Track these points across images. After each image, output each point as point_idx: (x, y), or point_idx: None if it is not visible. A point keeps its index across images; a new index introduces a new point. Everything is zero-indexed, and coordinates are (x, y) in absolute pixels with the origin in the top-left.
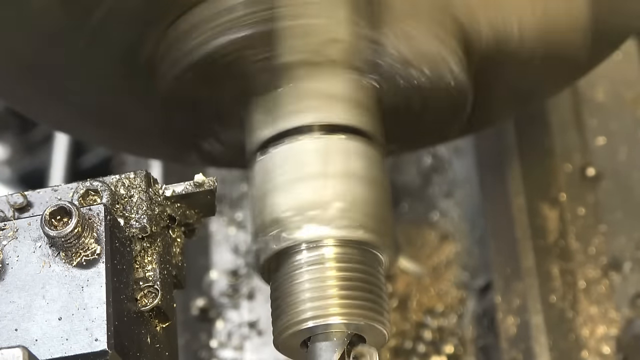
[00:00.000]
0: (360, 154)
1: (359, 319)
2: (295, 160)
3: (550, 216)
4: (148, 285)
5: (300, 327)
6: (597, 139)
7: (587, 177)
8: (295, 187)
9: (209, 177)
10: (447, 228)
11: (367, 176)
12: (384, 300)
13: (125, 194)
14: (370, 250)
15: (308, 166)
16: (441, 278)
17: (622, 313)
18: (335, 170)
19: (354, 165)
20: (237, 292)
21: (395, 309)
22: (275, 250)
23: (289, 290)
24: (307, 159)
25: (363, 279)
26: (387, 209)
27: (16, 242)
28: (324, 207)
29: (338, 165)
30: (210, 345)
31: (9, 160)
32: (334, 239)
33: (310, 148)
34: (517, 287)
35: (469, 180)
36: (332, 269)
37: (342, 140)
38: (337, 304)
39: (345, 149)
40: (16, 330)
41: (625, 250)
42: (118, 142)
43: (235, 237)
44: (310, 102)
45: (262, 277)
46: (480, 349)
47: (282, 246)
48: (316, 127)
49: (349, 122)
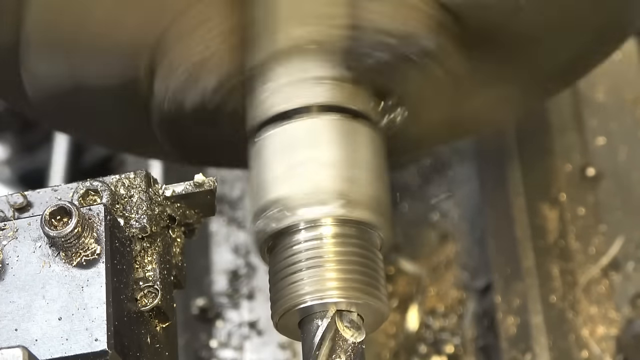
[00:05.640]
0: (358, 135)
1: (357, 297)
2: (292, 142)
3: (550, 216)
4: (148, 285)
5: (299, 305)
6: (597, 139)
7: (587, 177)
8: (293, 168)
9: (209, 177)
10: (447, 228)
11: (364, 156)
12: (382, 279)
13: (125, 194)
14: (368, 230)
15: (305, 147)
16: (441, 278)
17: (622, 313)
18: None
19: (351, 145)
20: (237, 292)
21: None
22: (274, 230)
23: (287, 270)
24: (303, 140)
25: (361, 258)
26: (384, 189)
27: (16, 242)
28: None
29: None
30: (210, 345)
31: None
32: (332, 218)
33: (307, 129)
34: (517, 287)
35: (469, 180)
36: (330, 248)
37: (338, 121)
38: (335, 283)
39: (342, 129)
40: (16, 330)
41: (625, 250)
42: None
43: (235, 237)
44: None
45: (261, 257)
46: (480, 349)
47: (281, 226)
48: (312, 108)
49: (344, 103)
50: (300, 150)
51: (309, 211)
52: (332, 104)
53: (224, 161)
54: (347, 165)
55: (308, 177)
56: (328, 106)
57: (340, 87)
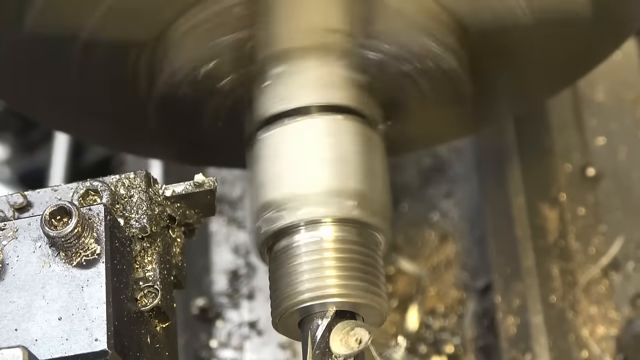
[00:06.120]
0: (358, 135)
1: (356, 297)
2: (292, 142)
3: (550, 216)
4: (148, 285)
5: (298, 305)
6: (597, 139)
7: (587, 177)
8: (293, 168)
9: (209, 177)
10: (447, 228)
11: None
12: (382, 279)
13: (125, 194)
14: (367, 230)
15: (304, 147)
16: (441, 278)
17: (622, 313)
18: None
19: (352, 146)
20: (237, 292)
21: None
22: (274, 230)
23: (287, 270)
24: (303, 140)
25: (361, 258)
26: (384, 190)
27: (16, 242)
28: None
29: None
30: (210, 345)
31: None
32: (332, 218)
33: (306, 129)
34: (517, 287)
35: (469, 180)
36: (330, 248)
37: (337, 121)
38: (335, 283)
39: (344, 129)
40: (16, 330)
41: (625, 250)
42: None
43: (235, 237)
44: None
45: (260, 257)
46: (480, 349)
47: (281, 226)
48: (311, 108)
49: (346, 103)
50: (300, 151)
51: (309, 211)
52: (330, 105)
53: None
54: (347, 165)
55: (308, 177)
56: (327, 106)
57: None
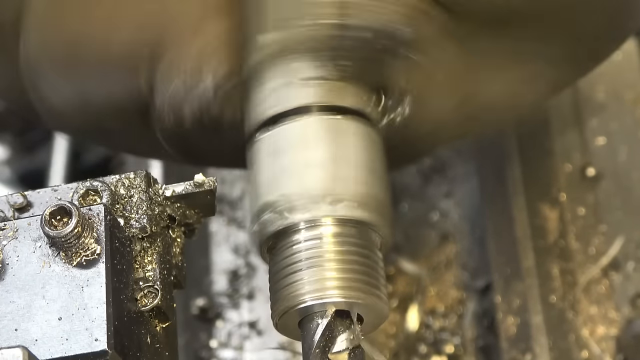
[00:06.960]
0: (358, 135)
1: (357, 297)
2: (290, 142)
3: (550, 216)
4: (148, 285)
5: (298, 305)
6: (597, 139)
7: (587, 177)
8: (292, 168)
9: (209, 177)
10: (447, 228)
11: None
12: (382, 279)
13: (125, 194)
14: (367, 230)
15: (303, 147)
16: (441, 278)
17: (622, 313)
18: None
19: (351, 145)
20: (237, 292)
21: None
22: (274, 230)
23: (287, 270)
24: (301, 140)
25: (361, 257)
26: (384, 189)
27: (16, 242)
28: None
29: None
30: (210, 345)
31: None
32: (332, 218)
33: (304, 129)
34: (517, 287)
35: (469, 180)
36: (330, 247)
37: (335, 120)
38: (335, 282)
39: (343, 129)
40: (16, 330)
41: (625, 250)
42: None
43: (235, 237)
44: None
45: (261, 258)
46: (480, 349)
47: (281, 225)
48: (308, 108)
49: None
50: (299, 150)
51: (309, 211)
52: (327, 104)
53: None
54: (347, 164)
55: (307, 177)
56: (324, 106)
57: (335, 86)
